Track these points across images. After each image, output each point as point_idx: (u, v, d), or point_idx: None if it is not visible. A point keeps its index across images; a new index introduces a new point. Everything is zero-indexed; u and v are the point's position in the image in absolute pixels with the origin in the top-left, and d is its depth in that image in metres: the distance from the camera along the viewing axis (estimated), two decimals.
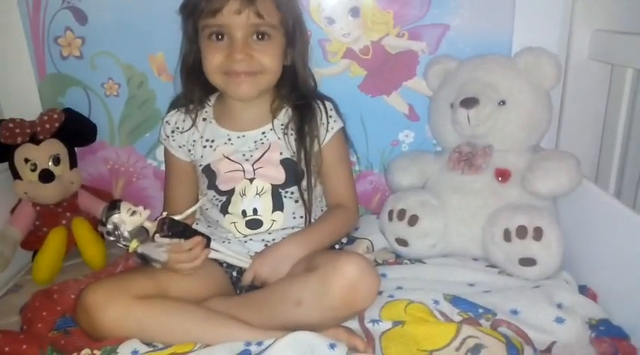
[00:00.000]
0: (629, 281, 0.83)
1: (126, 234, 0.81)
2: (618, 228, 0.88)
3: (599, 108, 1.10)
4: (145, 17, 1.12)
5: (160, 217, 0.84)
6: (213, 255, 0.89)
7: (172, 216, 0.85)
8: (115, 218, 0.81)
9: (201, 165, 0.99)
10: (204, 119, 1.00)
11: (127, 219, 0.81)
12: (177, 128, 1.00)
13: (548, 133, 1.08)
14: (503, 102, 1.00)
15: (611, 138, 1.05)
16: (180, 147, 1.01)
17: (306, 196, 0.98)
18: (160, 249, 0.84)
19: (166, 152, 1.04)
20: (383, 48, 1.14)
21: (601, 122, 1.10)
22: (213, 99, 1.02)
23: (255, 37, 0.90)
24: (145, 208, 0.83)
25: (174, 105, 1.03)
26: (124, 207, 0.82)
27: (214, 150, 0.98)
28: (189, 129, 1.00)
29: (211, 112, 1.01)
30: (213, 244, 0.89)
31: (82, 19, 1.13)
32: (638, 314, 0.80)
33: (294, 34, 0.95)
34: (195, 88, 0.99)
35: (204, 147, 0.99)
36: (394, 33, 1.13)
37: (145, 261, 0.87)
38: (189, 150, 1.00)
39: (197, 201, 1.04)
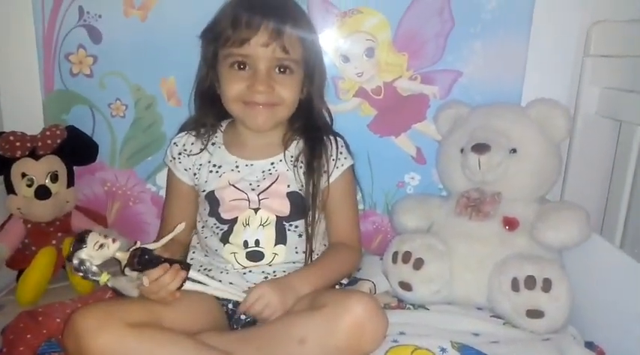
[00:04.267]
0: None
1: (94, 268, 0.78)
2: (627, 282, 0.86)
3: (606, 164, 1.10)
4: (161, 40, 1.12)
5: (133, 248, 0.80)
6: (193, 287, 0.84)
7: (147, 246, 0.81)
8: (82, 253, 0.77)
9: (204, 191, 0.97)
10: (213, 144, 0.99)
11: (94, 254, 0.78)
12: (185, 150, 0.99)
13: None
14: (514, 151, 1.00)
15: (618, 193, 1.05)
16: (185, 170, 0.99)
17: (309, 231, 0.95)
18: (131, 285, 0.80)
19: (170, 174, 1.02)
20: (395, 89, 1.15)
21: (607, 177, 1.10)
22: (224, 124, 1.01)
23: (277, 70, 0.91)
24: (114, 241, 0.79)
25: (185, 128, 1.01)
26: (92, 240, 0.78)
27: (220, 176, 0.96)
28: (199, 153, 0.98)
29: (221, 138, 1.00)
30: (193, 274, 0.83)
31: (97, 38, 1.13)
32: None
33: (313, 69, 0.96)
34: (209, 113, 0.98)
35: (210, 172, 0.97)
36: (407, 75, 1.14)
37: (118, 293, 0.82)
38: (195, 174, 0.98)
39: (194, 227, 1.01)
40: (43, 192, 1.06)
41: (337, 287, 0.99)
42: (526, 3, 1.09)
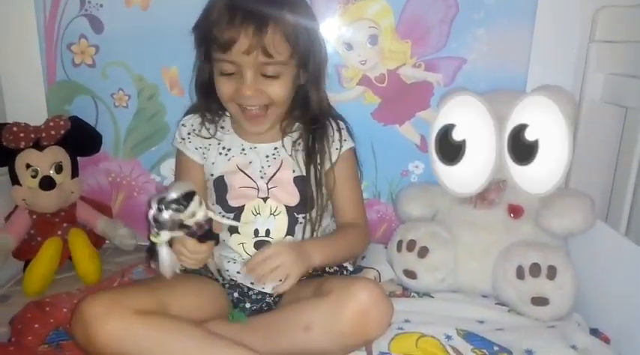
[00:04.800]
0: None
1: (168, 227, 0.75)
2: (632, 270, 0.86)
3: (611, 150, 1.09)
4: (162, 30, 1.11)
5: (207, 217, 0.78)
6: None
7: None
8: (193, 206, 0.75)
9: (212, 175, 0.96)
10: (222, 127, 0.99)
11: (197, 210, 0.76)
12: (194, 130, 0.98)
13: None
14: None
15: (624, 180, 1.04)
16: (196, 148, 0.98)
17: (315, 214, 0.95)
18: (170, 262, 0.78)
19: (179, 157, 1.00)
20: (399, 77, 1.14)
21: (612, 163, 1.10)
22: None
23: (264, 72, 0.88)
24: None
25: (191, 112, 1.00)
26: (193, 206, 0.75)
27: (229, 159, 0.96)
28: (208, 138, 0.97)
29: (229, 121, 0.99)
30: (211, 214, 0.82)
31: (99, 28, 1.13)
32: None
33: (307, 60, 0.93)
34: (211, 101, 0.97)
35: (220, 154, 0.96)
36: (411, 63, 1.13)
37: (150, 256, 0.80)
38: (204, 154, 0.97)
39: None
40: (47, 183, 1.06)
41: (345, 273, 0.99)
42: None
